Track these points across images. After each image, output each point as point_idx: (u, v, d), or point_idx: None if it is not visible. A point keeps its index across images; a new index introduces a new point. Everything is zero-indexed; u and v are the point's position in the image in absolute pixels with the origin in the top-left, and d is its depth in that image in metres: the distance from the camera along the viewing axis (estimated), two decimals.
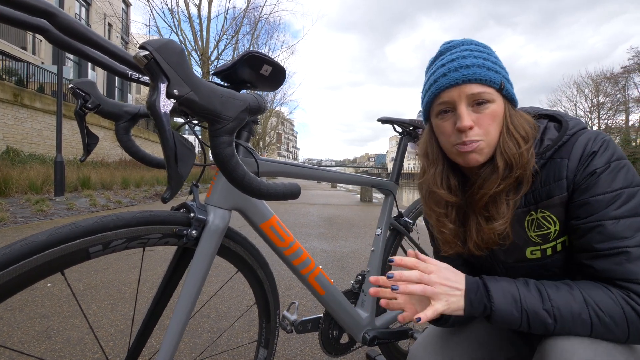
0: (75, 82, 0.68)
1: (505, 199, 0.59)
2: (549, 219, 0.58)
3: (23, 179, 6.11)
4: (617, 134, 26.43)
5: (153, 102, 0.38)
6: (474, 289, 0.55)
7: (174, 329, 0.63)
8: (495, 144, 0.58)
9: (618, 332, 0.50)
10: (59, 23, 0.43)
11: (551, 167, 0.57)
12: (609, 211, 0.52)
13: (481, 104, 0.56)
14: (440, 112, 0.60)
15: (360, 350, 1.44)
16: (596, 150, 0.54)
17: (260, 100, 0.47)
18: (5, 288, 0.44)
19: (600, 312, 0.50)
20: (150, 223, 0.58)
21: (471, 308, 0.54)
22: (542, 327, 0.52)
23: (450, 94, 0.57)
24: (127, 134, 0.77)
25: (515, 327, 0.54)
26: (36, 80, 11.55)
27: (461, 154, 0.59)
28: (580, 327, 0.50)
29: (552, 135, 0.59)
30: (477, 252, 0.65)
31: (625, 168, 0.53)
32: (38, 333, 1.50)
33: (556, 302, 0.52)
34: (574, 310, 0.51)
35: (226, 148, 0.44)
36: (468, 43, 0.60)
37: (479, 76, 0.55)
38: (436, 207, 0.66)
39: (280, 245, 0.80)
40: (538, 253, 0.60)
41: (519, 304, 0.53)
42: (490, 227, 0.60)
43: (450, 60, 0.58)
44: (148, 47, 0.37)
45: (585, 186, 0.53)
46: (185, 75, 0.40)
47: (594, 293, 0.51)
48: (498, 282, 0.56)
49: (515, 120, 0.58)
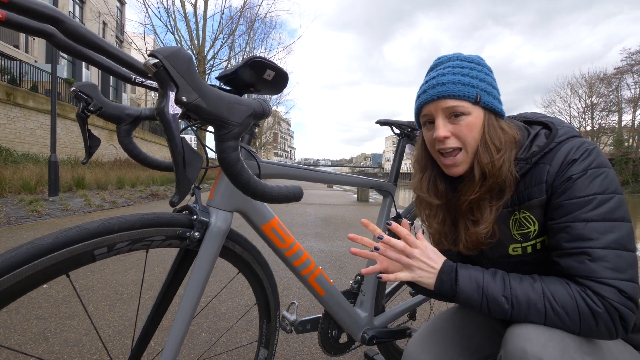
0: (78, 85, 0.68)
1: (489, 205, 0.64)
2: (529, 219, 0.63)
3: (16, 179, 6.04)
4: (610, 134, 26.78)
5: (162, 108, 0.38)
6: (447, 271, 0.61)
7: (178, 329, 0.63)
8: (474, 153, 0.64)
9: (570, 323, 0.54)
10: (66, 29, 0.43)
11: (534, 172, 0.62)
12: (579, 214, 0.56)
13: (458, 115, 0.63)
14: (424, 122, 0.68)
15: (359, 350, 1.45)
16: (576, 158, 0.58)
17: (265, 106, 0.48)
18: (12, 291, 0.45)
19: (554, 303, 0.54)
20: (153, 225, 0.59)
21: (441, 286, 0.61)
22: (500, 311, 0.58)
23: (429, 108, 0.65)
24: (129, 136, 0.78)
25: (476, 309, 0.60)
26: (29, 79, 11.41)
27: (446, 167, 0.67)
28: (534, 315, 0.55)
29: (540, 142, 0.63)
30: (467, 253, 0.70)
31: (602, 176, 0.56)
32: (35, 335, 1.50)
33: (515, 290, 0.57)
34: (530, 299, 0.56)
35: (232, 153, 0.45)
36: (454, 59, 0.66)
37: (452, 92, 0.62)
38: (424, 208, 0.75)
39: (281, 246, 0.81)
40: (519, 250, 0.65)
41: (481, 288, 0.59)
42: (474, 231, 0.66)
43: (431, 78, 0.65)
44: (158, 55, 0.38)
45: (561, 190, 0.58)
46: (193, 82, 0.41)
47: (553, 287, 0.56)
48: (468, 269, 0.62)
49: (492, 131, 0.63)
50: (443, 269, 0.61)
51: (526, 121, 0.70)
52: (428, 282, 0.61)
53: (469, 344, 0.76)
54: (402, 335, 1.15)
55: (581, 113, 29.09)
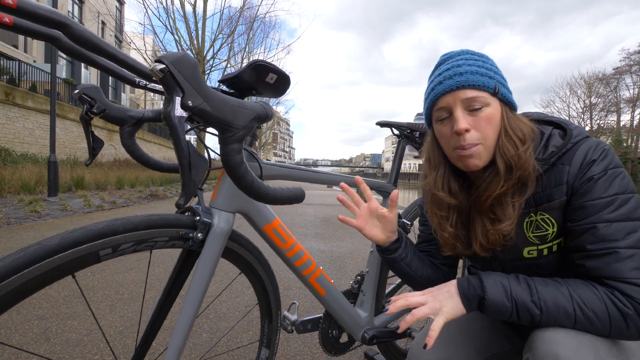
0: (82, 87, 0.69)
1: (511, 200, 0.61)
2: (548, 221, 0.61)
3: (15, 179, 6.03)
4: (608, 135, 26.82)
5: (168, 113, 0.39)
6: (464, 285, 0.59)
7: (181, 328, 0.64)
8: (493, 147, 0.61)
9: (600, 326, 0.53)
10: (73, 34, 0.44)
11: (553, 173, 0.60)
12: (602, 215, 0.55)
13: (477, 108, 0.60)
14: (438, 118, 0.64)
15: (359, 350, 1.46)
16: (595, 159, 0.57)
17: (268, 109, 0.49)
18: (20, 291, 0.45)
19: (584, 307, 0.53)
20: (157, 226, 0.60)
21: (467, 301, 0.58)
22: (529, 318, 0.56)
23: (446, 99, 0.61)
24: (132, 138, 0.78)
25: (506, 317, 0.57)
26: (28, 79, 11.39)
27: (461, 159, 0.62)
28: (564, 319, 0.54)
29: (556, 142, 0.62)
30: (481, 254, 0.67)
31: (621, 176, 0.56)
32: (37, 335, 1.50)
33: (543, 295, 0.55)
34: (559, 304, 0.54)
35: (236, 155, 0.45)
36: (464, 53, 0.64)
37: (471, 82, 0.59)
38: (438, 210, 0.70)
39: (282, 247, 0.82)
40: (535, 253, 0.63)
41: (509, 293, 0.57)
42: (497, 229, 0.62)
43: (446, 69, 0.62)
44: (164, 61, 0.39)
45: (582, 191, 0.57)
46: (199, 87, 0.41)
47: (580, 289, 0.55)
48: (490, 275, 0.60)
49: (513, 123, 0.61)
50: (459, 284, 0.60)
51: (534, 120, 0.68)
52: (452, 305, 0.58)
53: (473, 344, 0.75)
54: (402, 335, 1.15)
55: (580, 113, 29.15)
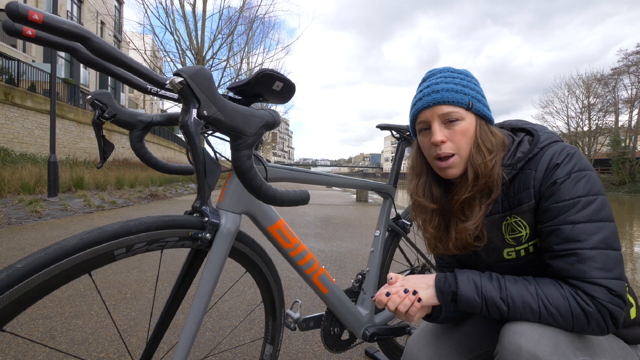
0: (94, 93, 0.72)
1: (479, 203, 0.67)
2: (520, 224, 0.66)
3: (15, 179, 6.04)
4: (607, 135, 26.93)
5: (186, 122, 0.42)
6: (441, 280, 0.65)
7: (191, 324, 0.67)
8: (467, 157, 0.67)
9: (562, 322, 0.57)
10: (93, 46, 0.47)
11: (522, 178, 0.65)
12: (567, 216, 0.59)
13: (452, 121, 0.66)
14: (420, 129, 0.71)
15: (360, 347, 1.49)
16: (559, 162, 0.61)
17: (276, 116, 0.52)
18: (42, 288, 0.48)
19: (548, 304, 0.58)
20: (168, 227, 0.62)
21: (442, 294, 0.64)
22: (498, 313, 0.61)
23: (425, 114, 0.68)
24: (141, 141, 0.81)
25: (477, 311, 0.62)
26: (27, 79, 11.39)
27: (441, 169, 0.69)
28: (529, 315, 0.59)
29: (524, 148, 0.67)
30: (456, 252, 0.74)
31: (585, 178, 0.60)
32: (42, 334, 1.53)
33: (511, 292, 0.60)
34: (525, 301, 0.59)
35: (247, 161, 0.48)
36: (445, 71, 0.70)
37: (446, 99, 0.66)
38: (420, 213, 0.77)
39: (286, 246, 0.84)
40: (513, 254, 0.68)
41: (480, 290, 0.62)
42: (463, 227, 0.69)
43: (426, 86, 0.70)
44: (183, 75, 0.42)
45: (548, 194, 0.61)
46: (214, 98, 0.44)
47: (546, 288, 0.59)
48: (465, 272, 0.65)
49: (484, 135, 0.67)
50: (436, 279, 0.66)
51: (510, 128, 0.74)
52: (428, 296, 0.65)
53: (467, 342, 0.79)
54: (402, 332, 1.18)
55: (578, 113, 29.27)
